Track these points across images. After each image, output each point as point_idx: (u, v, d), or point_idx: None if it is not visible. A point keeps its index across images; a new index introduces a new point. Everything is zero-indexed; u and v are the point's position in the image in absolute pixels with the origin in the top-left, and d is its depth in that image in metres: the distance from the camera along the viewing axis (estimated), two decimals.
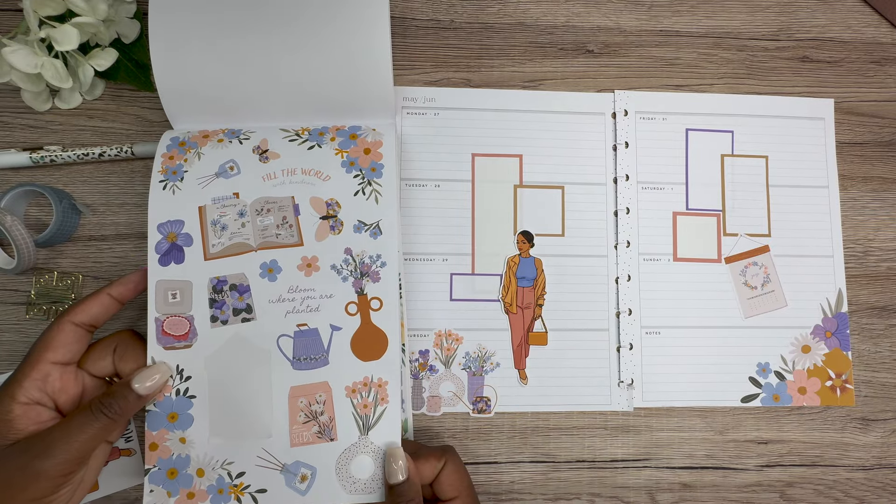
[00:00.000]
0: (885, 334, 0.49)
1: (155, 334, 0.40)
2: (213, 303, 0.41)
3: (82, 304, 0.38)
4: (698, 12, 0.52)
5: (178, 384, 0.40)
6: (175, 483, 0.39)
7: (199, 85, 0.43)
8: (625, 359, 0.47)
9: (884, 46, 0.53)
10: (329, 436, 0.40)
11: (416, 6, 0.50)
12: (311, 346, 0.41)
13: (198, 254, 0.41)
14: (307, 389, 0.40)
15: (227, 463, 0.40)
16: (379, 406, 0.40)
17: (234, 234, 0.41)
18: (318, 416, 0.40)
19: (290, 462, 0.40)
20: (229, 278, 0.41)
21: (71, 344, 0.38)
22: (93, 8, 0.42)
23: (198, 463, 0.40)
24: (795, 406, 0.48)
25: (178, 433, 0.40)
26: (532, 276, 0.48)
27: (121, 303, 0.40)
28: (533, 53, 0.50)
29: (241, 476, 0.40)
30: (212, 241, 0.41)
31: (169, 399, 0.40)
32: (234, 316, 0.41)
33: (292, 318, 0.41)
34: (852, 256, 0.50)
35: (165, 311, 0.40)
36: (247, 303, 0.41)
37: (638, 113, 0.50)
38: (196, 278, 0.41)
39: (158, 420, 0.40)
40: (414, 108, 0.49)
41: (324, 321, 0.41)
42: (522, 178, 0.49)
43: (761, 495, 0.47)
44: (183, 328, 0.40)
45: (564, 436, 0.47)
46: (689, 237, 0.49)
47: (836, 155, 0.51)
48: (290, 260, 0.41)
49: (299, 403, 0.40)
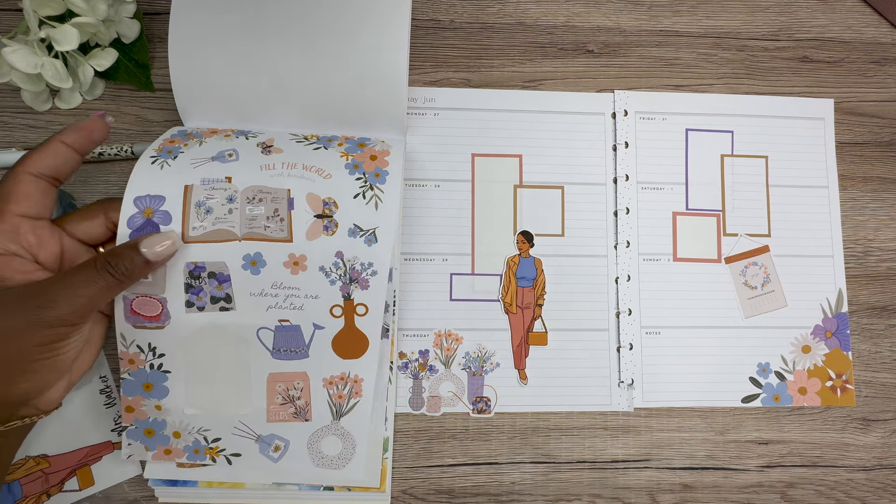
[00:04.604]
0: (885, 334, 0.49)
1: (123, 312, 0.38)
2: (189, 287, 0.39)
3: (36, 153, 0.36)
4: (698, 12, 0.52)
5: (152, 359, 0.39)
6: (152, 440, 0.41)
7: (213, 84, 0.42)
8: (625, 359, 0.47)
9: (884, 46, 0.53)
10: (304, 416, 0.41)
11: (416, 6, 0.50)
12: (292, 340, 0.41)
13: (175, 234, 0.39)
14: (286, 377, 0.41)
15: (203, 430, 0.41)
16: (353, 398, 0.41)
17: (219, 219, 0.39)
18: (295, 399, 0.41)
19: (266, 434, 0.41)
20: (208, 265, 0.39)
21: (35, 196, 0.35)
22: (93, 8, 0.42)
23: (174, 427, 0.40)
24: (796, 406, 0.48)
25: (154, 401, 0.40)
26: (532, 276, 0.48)
27: (79, 153, 0.37)
28: (533, 53, 0.50)
29: (217, 441, 0.41)
30: (192, 224, 0.38)
31: (143, 371, 0.39)
32: (211, 304, 0.39)
33: (274, 312, 0.40)
34: (852, 256, 0.50)
35: (136, 291, 0.38)
36: (226, 292, 0.39)
37: (638, 113, 0.50)
38: (171, 261, 0.38)
39: (133, 387, 0.40)
40: (414, 108, 0.49)
41: (307, 320, 0.40)
42: (522, 178, 0.49)
43: (762, 496, 0.46)
44: (154, 310, 0.39)
45: (565, 436, 0.46)
46: (689, 237, 0.49)
47: (835, 155, 0.51)
48: (277, 255, 0.39)
49: (277, 388, 0.41)
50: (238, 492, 0.43)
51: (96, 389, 0.44)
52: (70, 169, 0.37)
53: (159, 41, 0.48)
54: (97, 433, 0.43)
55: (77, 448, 0.43)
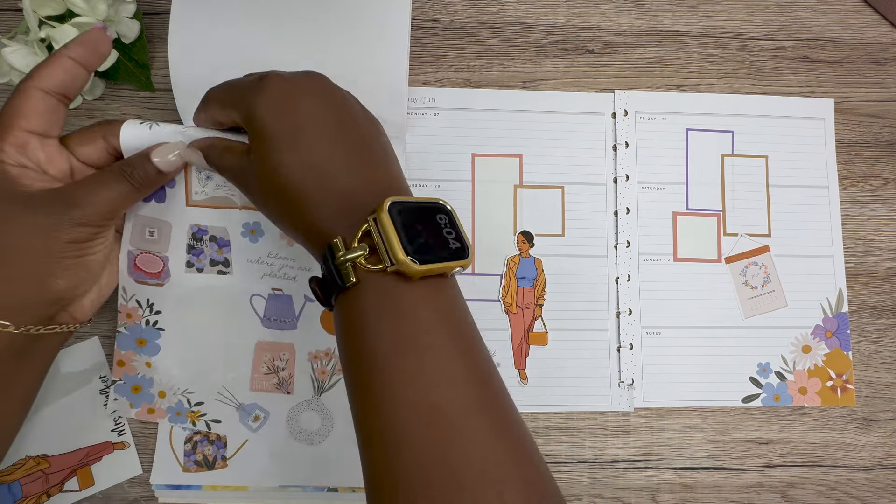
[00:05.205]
0: (885, 334, 0.49)
1: (126, 266, 0.40)
2: (190, 248, 0.41)
3: (45, 68, 0.35)
4: (698, 12, 0.52)
5: (148, 315, 0.41)
6: (138, 397, 0.42)
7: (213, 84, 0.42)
8: (625, 359, 0.47)
9: (884, 46, 0.53)
10: (286, 389, 0.42)
11: (416, 6, 0.50)
12: (283, 309, 0.42)
13: (180, 197, 0.40)
14: (273, 346, 0.42)
15: (187, 392, 0.42)
16: (335, 375, 0.42)
17: (219, 186, 0.40)
18: (280, 371, 0.42)
19: (248, 403, 0.42)
20: (210, 229, 0.41)
21: (44, 113, 0.35)
22: (93, 8, 0.42)
23: (160, 386, 0.42)
24: (796, 406, 0.48)
25: (145, 358, 0.41)
26: (532, 276, 0.48)
27: (87, 69, 0.37)
28: (533, 53, 0.50)
29: (199, 405, 0.42)
30: (195, 188, 0.40)
31: (139, 326, 0.41)
32: (210, 266, 0.41)
33: (269, 280, 0.42)
34: (852, 256, 0.50)
35: (140, 247, 0.40)
36: (225, 257, 0.41)
37: (638, 113, 0.50)
38: (176, 221, 0.40)
39: (127, 341, 0.41)
40: (414, 108, 0.49)
41: (298, 291, 0.42)
42: (522, 178, 0.49)
43: (762, 496, 0.46)
44: (156, 267, 0.41)
45: (565, 436, 0.46)
46: (689, 237, 0.49)
47: (836, 155, 0.51)
48: (275, 227, 0.40)
49: (264, 357, 0.42)
50: (240, 493, 0.43)
51: (96, 389, 0.43)
52: (79, 86, 0.37)
53: (159, 41, 0.48)
54: (97, 433, 0.43)
55: (77, 448, 0.43)
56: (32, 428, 0.42)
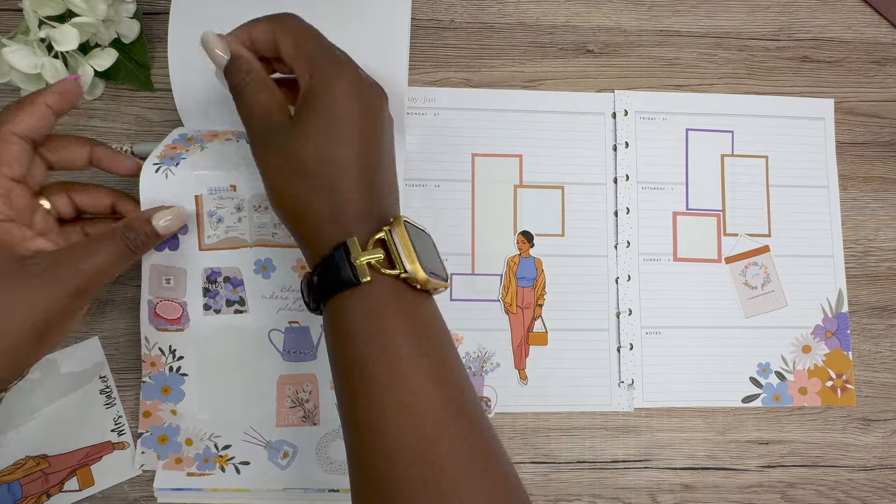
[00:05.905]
0: (885, 334, 0.49)
1: (147, 315, 0.41)
2: (206, 292, 0.41)
3: (21, 112, 0.34)
4: (698, 12, 0.52)
5: (171, 362, 0.42)
6: (165, 448, 0.42)
7: (213, 85, 0.42)
8: (625, 359, 0.47)
9: (884, 46, 0.53)
10: (312, 420, 0.42)
11: (416, 6, 0.50)
12: (301, 341, 0.42)
13: (192, 243, 0.41)
14: (295, 379, 0.42)
15: (214, 436, 0.42)
16: None
17: (230, 227, 0.41)
18: (304, 403, 0.42)
19: (275, 440, 0.42)
20: (223, 270, 0.41)
21: (21, 157, 0.35)
22: (92, 8, 0.42)
23: (187, 433, 0.42)
24: (796, 406, 0.48)
25: (170, 405, 0.42)
26: (532, 276, 0.48)
27: (56, 116, 0.36)
28: (533, 53, 0.50)
29: (227, 448, 0.42)
30: (208, 233, 0.41)
31: (163, 374, 0.42)
32: (227, 307, 0.42)
33: (285, 314, 0.42)
34: (852, 256, 0.50)
35: (159, 295, 0.41)
36: (240, 296, 0.42)
37: (638, 113, 0.50)
38: (191, 267, 0.41)
39: (152, 391, 0.42)
40: (414, 108, 0.49)
41: (314, 321, 0.42)
42: (522, 178, 0.49)
43: (763, 496, 0.46)
44: (176, 313, 0.41)
45: (565, 436, 0.46)
46: (689, 237, 0.49)
47: (836, 155, 0.51)
48: (285, 260, 0.41)
49: (287, 391, 0.42)
50: (242, 494, 0.42)
51: (96, 389, 0.43)
52: (47, 132, 0.36)
53: (159, 41, 0.48)
54: (97, 433, 0.43)
55: (77, 448, 0.43)
56: (32, 428, 0.42)
